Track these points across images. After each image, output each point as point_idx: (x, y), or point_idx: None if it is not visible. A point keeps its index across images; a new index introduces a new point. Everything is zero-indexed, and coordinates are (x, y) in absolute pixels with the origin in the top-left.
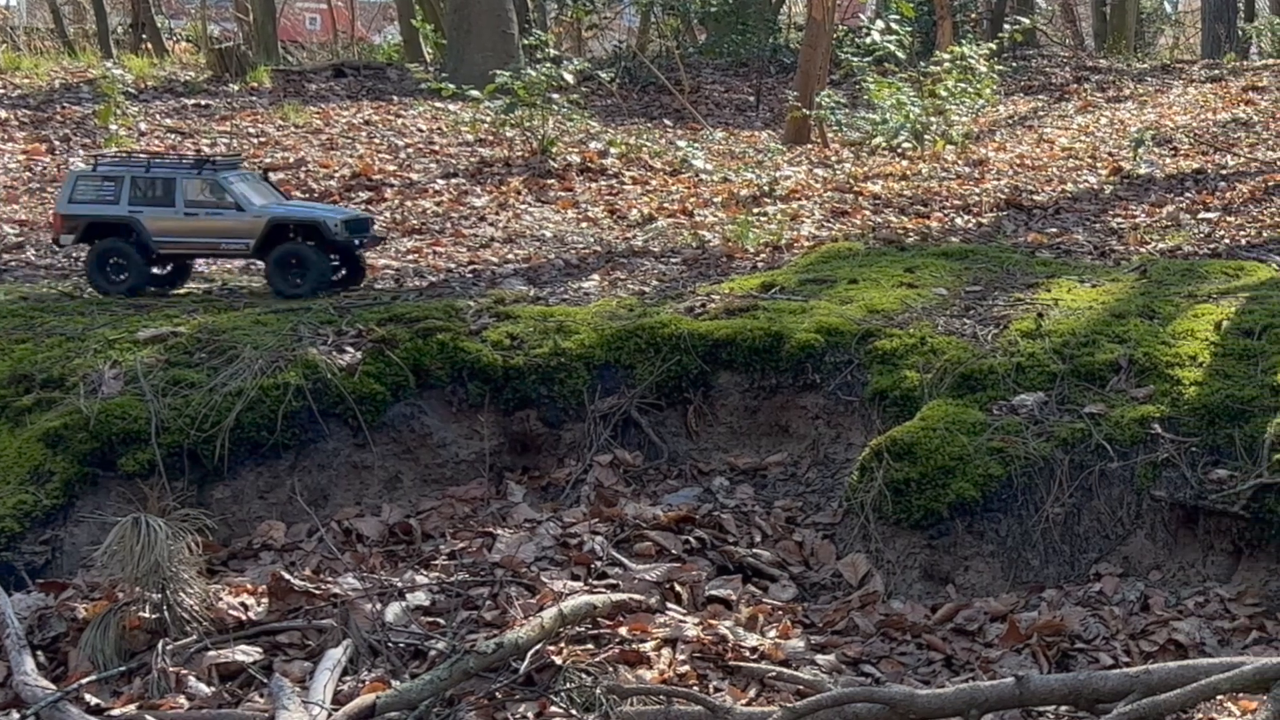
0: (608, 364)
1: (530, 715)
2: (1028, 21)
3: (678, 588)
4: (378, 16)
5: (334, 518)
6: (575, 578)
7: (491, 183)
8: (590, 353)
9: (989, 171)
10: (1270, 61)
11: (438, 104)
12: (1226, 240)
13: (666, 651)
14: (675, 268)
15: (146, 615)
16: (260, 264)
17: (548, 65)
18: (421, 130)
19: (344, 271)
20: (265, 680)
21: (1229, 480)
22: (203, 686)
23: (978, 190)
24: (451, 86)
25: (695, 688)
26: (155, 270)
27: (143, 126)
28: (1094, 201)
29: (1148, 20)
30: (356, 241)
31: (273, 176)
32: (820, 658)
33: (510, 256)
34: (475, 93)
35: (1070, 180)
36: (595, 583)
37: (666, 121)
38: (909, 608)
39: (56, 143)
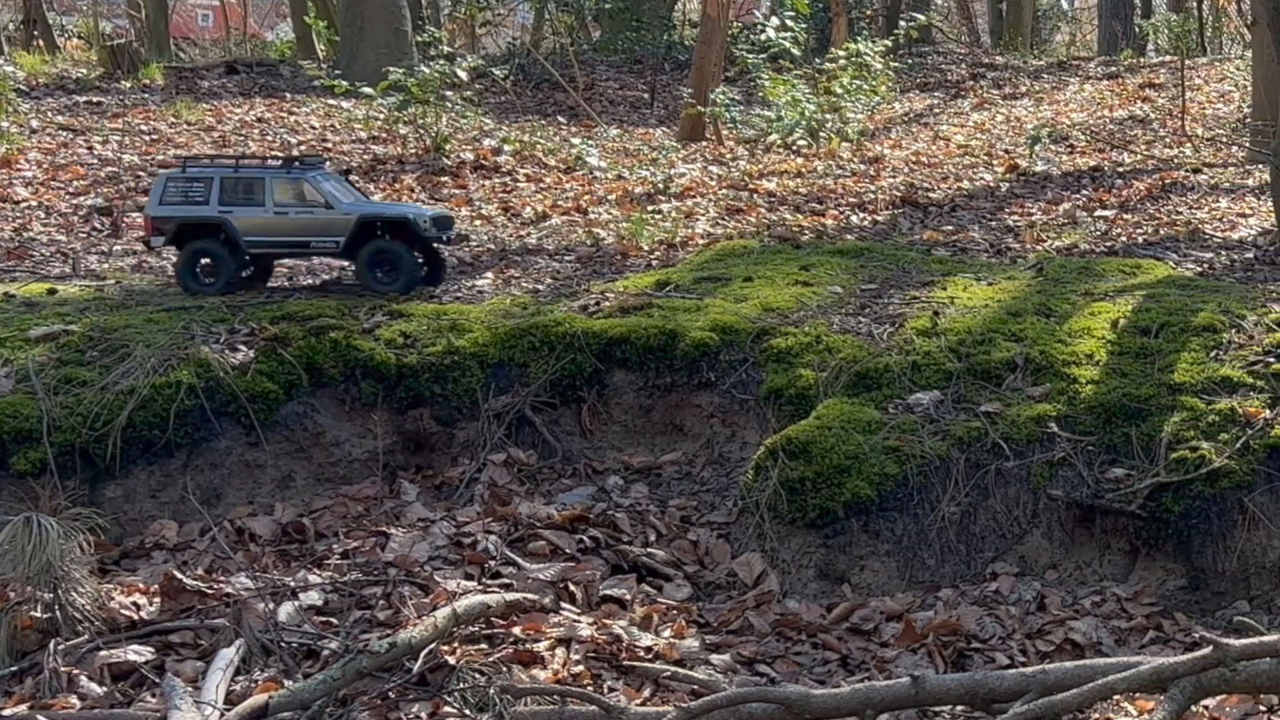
0: (502, 362)
1: (424, 715)
2: (923, 18)
3: (572, 587)
4: (271, 13)
5: (227, 517)
6: (469, 577)
7: (385, 180)
8: (484, 351)
9: (884, 169)
10: (1167, 58)
11: (331, 101)
12: (1123, 238)
13: (561, 651)
14: (569, 265)
15: (38, 615)
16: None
17: (441, 62)
18: (314, 128)
19: (425, 268)
20: (157, 680)
21: (1126, 479)
22: (95, 686)
23: (873, 188)
24: (345, 84)
25: (590, 688)
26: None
27: (34, 124)
28: (990, 199)
29: (1044, 17)
30: (444, 238)
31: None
32: (715, 657)
33: None
34: (368, 90)
35: (966, 178)
36: (489, 582)
37: (561, 119)
38: (804, 607)
39: None
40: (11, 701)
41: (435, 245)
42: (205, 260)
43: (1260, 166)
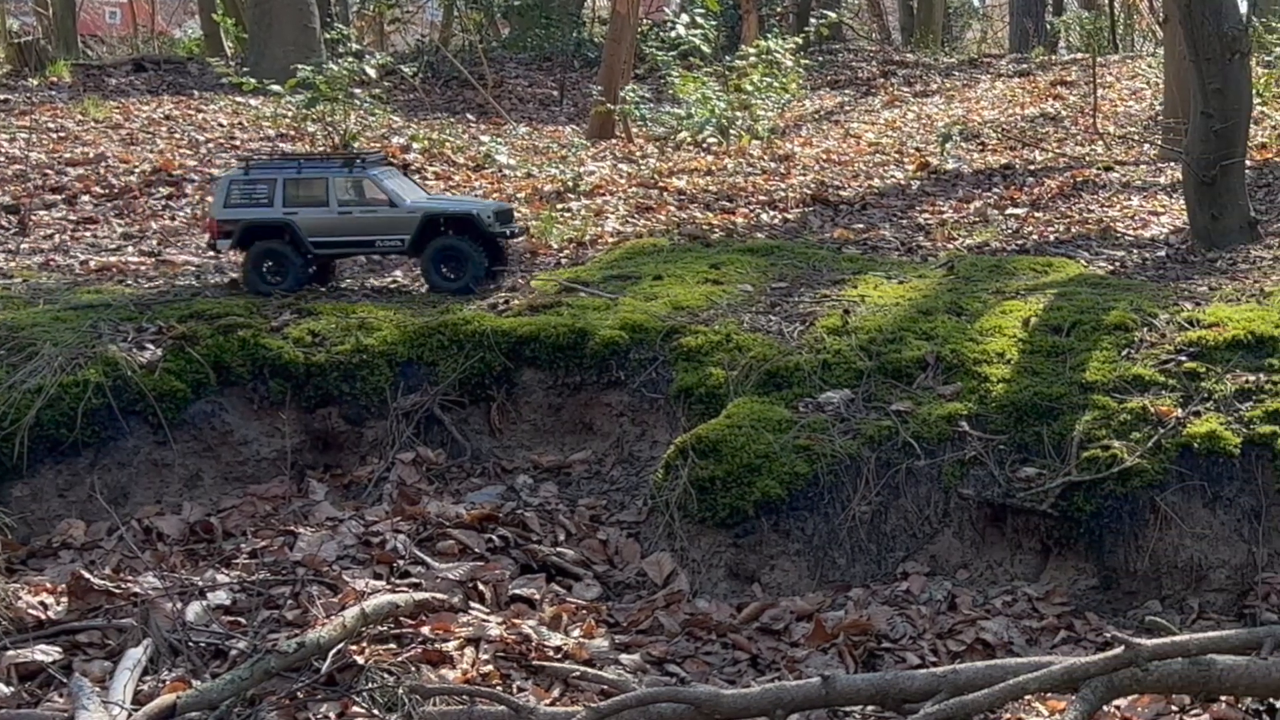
0: (410, 361)
1: (332, 715)
2: (834, 15)
3: (481, 587)
4: (178, 10)
5: (134, 516)
6: (378, 576)
7: None
8: (393, 350)
9: (795, 167)
10: (1079, 56)
11: (239, 99)
12: (1035, 236)
13: (470, 651)
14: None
15: None
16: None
17: (350, 59)
18: (223, 125)
19: (486, 259)
20: (65, 680)
21: (1037, 478)
22: (2, 687)
23: (784, 186)
24: (253, 81)
25: (499, 687)
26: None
27: None
28: (901, 197)
29: (955, 14)
30: (508, 233)
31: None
32: (625, 657)
33: None
34: (276, 87)
35: (877, 176)
36: (398, 582)
37: (470, 116)
38: (714, 607)
39: None
40: None
41: (500, 239)
42: (271, 262)
43: (1172, 164)
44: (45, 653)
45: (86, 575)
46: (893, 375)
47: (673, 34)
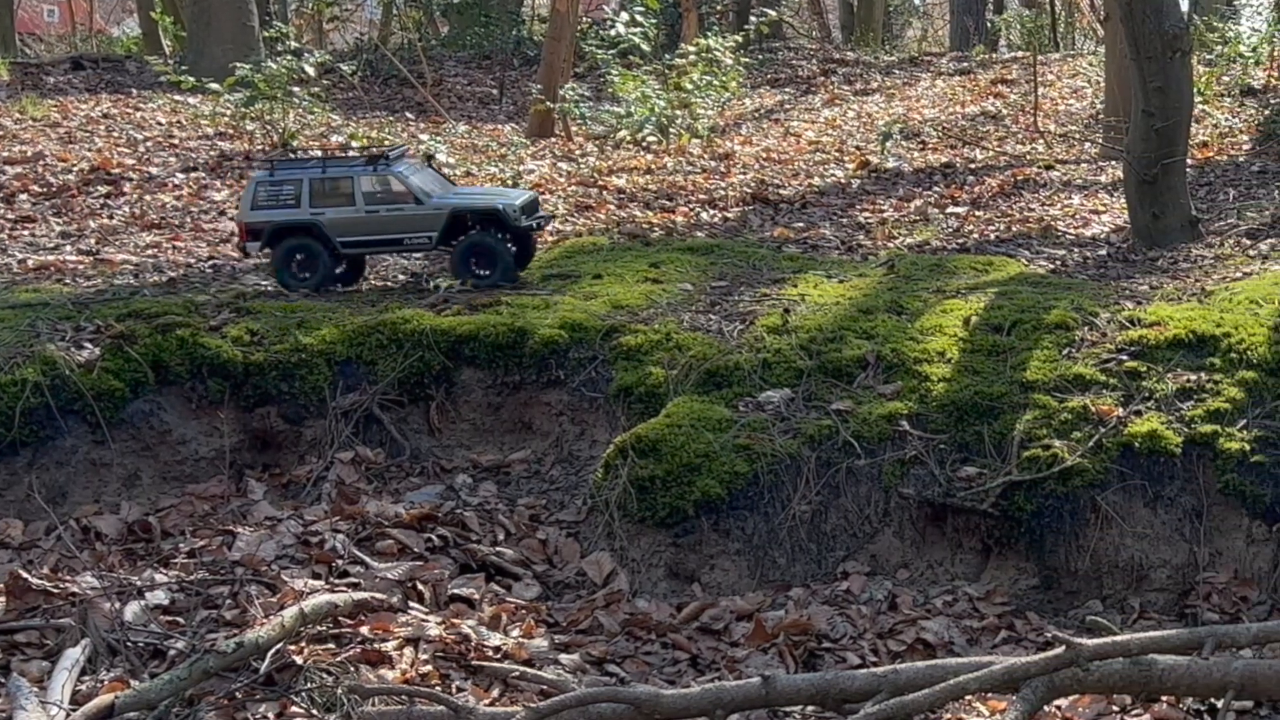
0: (349, 360)
1: (271, 715)
2: (774, 13)
3: (420, 586)
4: (116, 9)
5: (72, 516)
6: (316, 576)
7: (232, 177)
8: (331, 349)
9: (735, 165)
10: (1019, 54)
11: (177, 97)
12: (975, 235)
13: (409, 651)
14: (417, 262)
15: None
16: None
17: (288, 58)
18: (161, 123)
19: (514, 251)
20: (2, 680)
21: (978, 478)
22: None
23: (724, 184)
24: (191, 79)
25: (438, 687)
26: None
27: None
28: (841, 196)
29: (895, 12)
30: (534, 225)
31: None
32: (564, 657)
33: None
34: (215, 86)
35: (817, 174)
36: (337, 581)
37: (409, 115)
38: (654, 607)
39: None
40: None
41: (528, 231)
42: (300, 257)
43: (1113, 163)
44: None
45: (24, 575)
46: (833, 374)
47: (612, 32)
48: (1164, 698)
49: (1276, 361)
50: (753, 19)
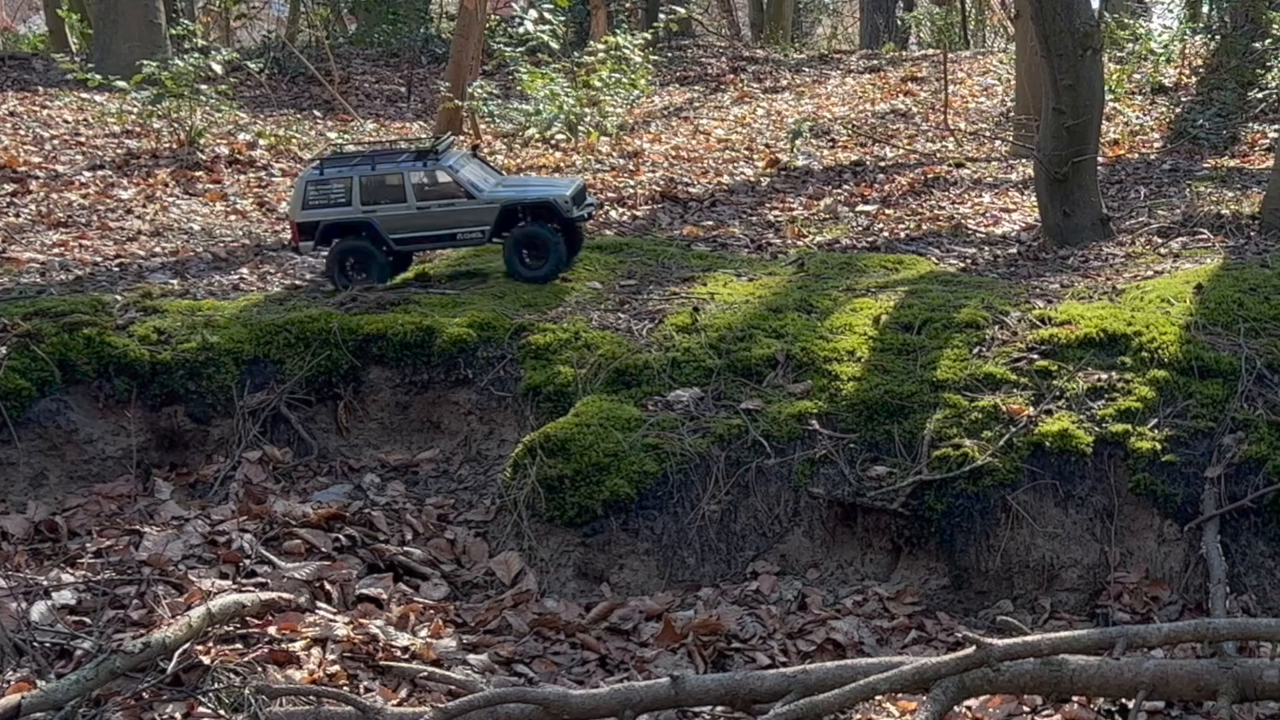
0: (257, 359)
1: (178, 716)
2: (683, 11)
3: (328, 586)
4: (23, 6)
5: None
6: (224, 576)
7: (138, 175)
8: (239, 347)
9: (644, 163)
10: (930, 52)
11: (84, 95)
12: (885, 233)
13: (316, 651)
14: (325, 261)
15: None
16: None
17: (195, 55)
18: (67, 121)
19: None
20: None
21: (888, 477)
22: None
23: (633, 182)
24: (98, 77)
25: (346, 688)
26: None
27: None
28: (751, 194)
29: (805, 10)
30: (585, 215)
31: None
32: (473, 657)
33: (157, 250)
34: (122, 83)
35: (726, 172)
36: (244, 581)
37: (316, 113)
38: (563, 607)
39: None
40: None
41: (578, 221)
42: (353, 260)
43: (1024, 161)
44: None
45: None
46: (742, 373)
47: (521, 30)
48: (1075, 698)
49: (1188, 361)
50: (662, 16)
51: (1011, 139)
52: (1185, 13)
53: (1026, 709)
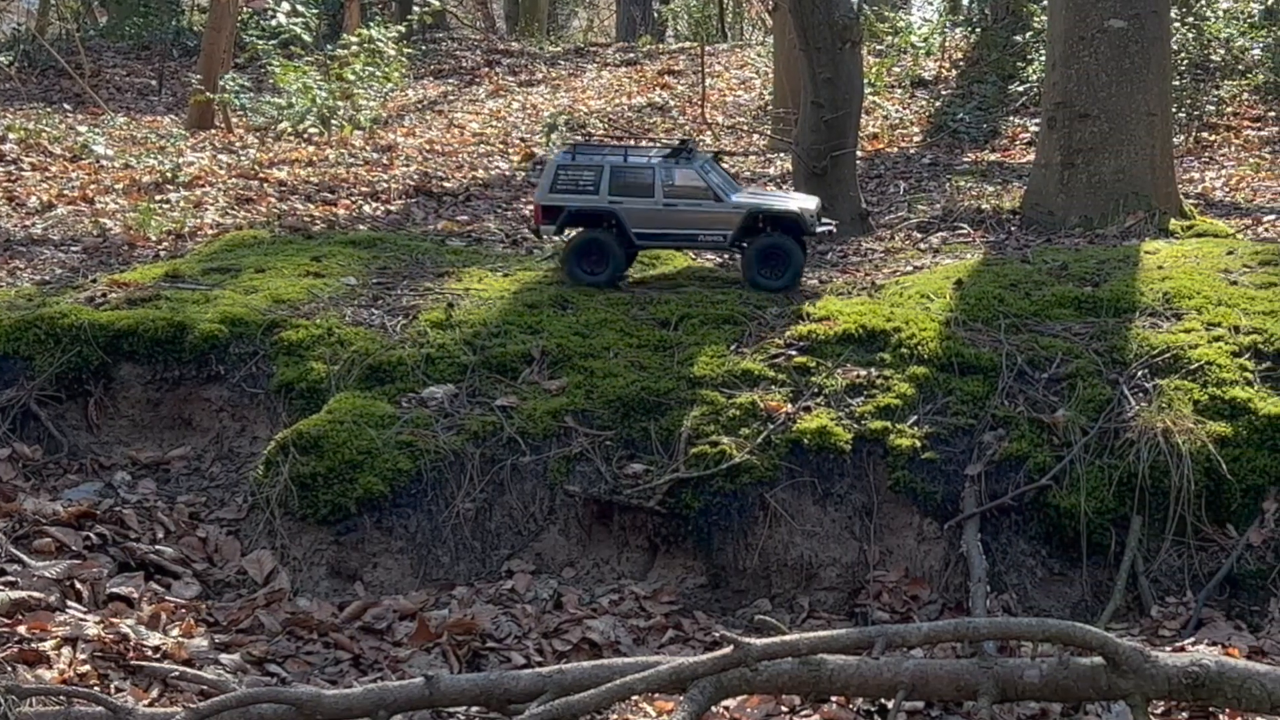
0: (6, 355)
1: None
2: (437, 3)
3: (78, 585)
4: None
5: None
6: None
7: None
8: None
9: (398, 157)
10: (687, 44)
11: None
12: None
13: (67, 650)
14: (76, 256)
15: None
16: None
17: None
18: None
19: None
20: None
21: (644, 475)
22: None
23: (386, 176)
24: None
25: (97, 688)
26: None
27: None
28: (506, 188)
29: (561, 2)
30: (826, 231)
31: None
32: (225, 657)
33: None
34: None
35: (481, 167)
36: None
37: (67, 106)
38: (316, 606)
39: None
40: None
41: (813, 237)
42: (593, 254)
43: (782, 155)
44: None
45: None
46: (498, 370)
47: (273, 22)
48: (834, 698)
49: (948, 357)
50: (416, 9)
51: (770, 133)
52: (945, 6)
53: (785, 709)
